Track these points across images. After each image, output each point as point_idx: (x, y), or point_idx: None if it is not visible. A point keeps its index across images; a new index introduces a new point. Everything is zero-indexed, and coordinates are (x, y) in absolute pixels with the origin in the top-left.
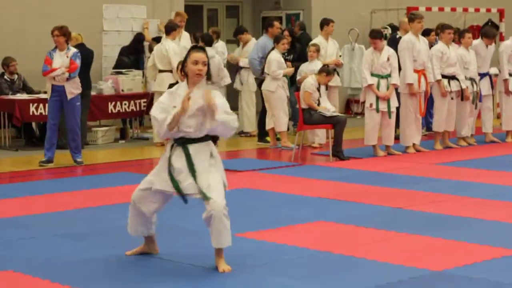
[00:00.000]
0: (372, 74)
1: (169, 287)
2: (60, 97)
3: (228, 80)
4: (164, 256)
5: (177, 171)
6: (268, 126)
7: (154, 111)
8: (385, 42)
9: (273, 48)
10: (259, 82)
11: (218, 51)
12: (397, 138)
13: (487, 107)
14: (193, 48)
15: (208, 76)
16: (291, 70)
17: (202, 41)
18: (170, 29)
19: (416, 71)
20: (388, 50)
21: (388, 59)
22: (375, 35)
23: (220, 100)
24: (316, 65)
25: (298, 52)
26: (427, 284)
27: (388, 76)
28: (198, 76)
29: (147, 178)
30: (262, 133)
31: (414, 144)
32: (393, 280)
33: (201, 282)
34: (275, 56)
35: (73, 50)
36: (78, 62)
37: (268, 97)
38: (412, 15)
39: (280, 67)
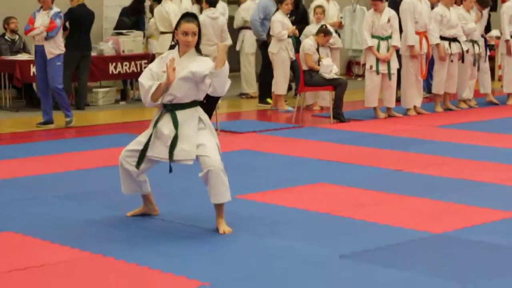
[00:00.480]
0: (373, 36)
1: (170, 248)
2: (43, 58)
3: (229, 42)
4: (165, 217)
5: (166, 138)
6: (273, 88)
7: (142, 78)
8: (386, 3)
9: (277, 9)
10: (260, 43)
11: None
12: (398, 100)
13: (484, 68)
14: (184, 17)
15: (197, 45)
16: (293, 28)
17: (206, 3)
18: None
19: (417, 33)
20: (389, 12)
21: (388, 20)
22: None
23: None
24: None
25: (301, 14)
26: (427, 246)
27: (389, 37)
28: (186, 47)
29: (137, 139)
30: (263, 94)
31: (415, 107)
32: (392, 242)
33: (201, 243)
34: (279, 17)
35: (55, 10)
36: (58, 22)
37: (271, 59)
38: None
39: (284, 28)
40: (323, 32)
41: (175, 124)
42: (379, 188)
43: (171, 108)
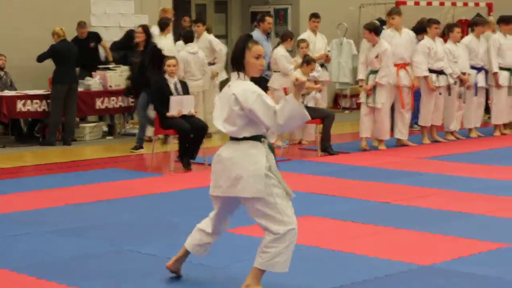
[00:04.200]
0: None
1: (165, 283)
2: None
3: (225, 75)
4: (159, 253)
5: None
6: None
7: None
8: (378, 38)
9: (278, 44)
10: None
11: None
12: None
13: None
14: (250, 39)
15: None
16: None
17: (183, 38)
18: (165, 25)
19: (395, 65)
20: (379, 47)
21: (377, 56)
22: (367, 26)
23: None
24: None
25: (151, 52)
26: (415, 278)
27: (376, 72)
28: (260, 71)
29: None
30: None
31: (400, 139)
32: (381, 274)
33: (194, 276)
34: (283, 52)
35: None
36: None
37: (271, 94)
38: (390, 11)
39: (289, 63)
40: (306, 62)
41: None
42: (367, 220)
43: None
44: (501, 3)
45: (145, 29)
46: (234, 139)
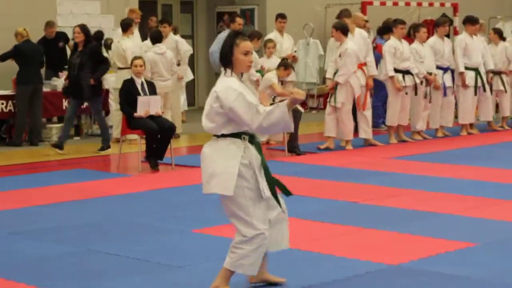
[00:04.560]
0: None
1: (126, 283)
2: None
3: (190, 76)
4: (126, 254)
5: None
6: None
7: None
8: (346, 38)
9: None
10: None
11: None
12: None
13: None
14: (238, 34)
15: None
16: (266, 68)
17: (150, 38)
18: (127, 26)
19: None
20: (344, 46)
21: (340, 55)
22: (334, 25)
23: None
24: (276, 60)
25: (89, 53)
26: (383, 278)
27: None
28: (249, 67)
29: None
30: None
31: (367, 139)
32: (349, 274)
33: (157, 277)
34: None
35: None
36: None
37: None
38: (339, 13)
39: (255, 66)
40: (283, 65)
41: (262, 155)
42: (335, 220)
43: (250, 139)
44: (466, 3)
45: (83, 29)
46: (215, 136)
